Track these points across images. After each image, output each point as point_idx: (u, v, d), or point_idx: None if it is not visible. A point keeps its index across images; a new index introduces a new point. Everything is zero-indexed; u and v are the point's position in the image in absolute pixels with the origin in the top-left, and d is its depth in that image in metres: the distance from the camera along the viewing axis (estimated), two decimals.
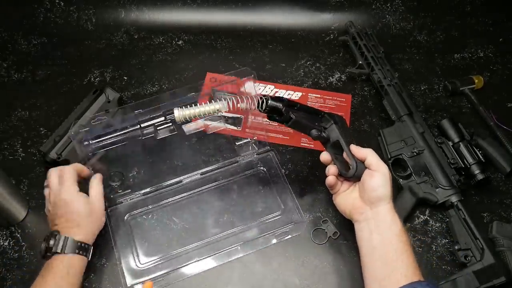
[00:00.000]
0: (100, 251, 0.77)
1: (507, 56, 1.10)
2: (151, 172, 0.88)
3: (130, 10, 1.13)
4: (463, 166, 0.85)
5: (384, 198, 0.69)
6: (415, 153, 0.87)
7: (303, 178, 0.89)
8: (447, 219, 0.83)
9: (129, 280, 0.74)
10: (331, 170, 0.75)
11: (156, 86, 1.02)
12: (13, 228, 0.82)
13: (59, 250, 0.67)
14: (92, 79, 1.03)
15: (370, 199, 0.70)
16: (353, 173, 0.71)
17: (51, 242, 0.67)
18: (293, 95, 1.02)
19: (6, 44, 1.09)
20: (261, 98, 0.69)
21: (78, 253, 0.68)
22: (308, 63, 1.08)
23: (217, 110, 0.70)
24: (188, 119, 0.70)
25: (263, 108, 0.69)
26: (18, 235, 0.81)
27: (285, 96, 1.01)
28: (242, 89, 0.75)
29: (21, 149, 0.91)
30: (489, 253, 0.75)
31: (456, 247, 0.78)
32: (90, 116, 0.92)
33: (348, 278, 0.78)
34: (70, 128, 0.91)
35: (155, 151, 0.89)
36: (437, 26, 1.13)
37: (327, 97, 1.02)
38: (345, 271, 0.78)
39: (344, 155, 0.73)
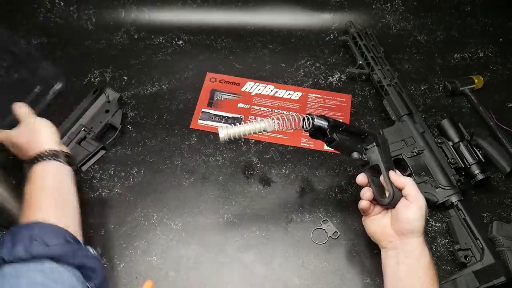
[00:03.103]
0: None
1: (507, 56, 1.10)
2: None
3: (130, 10, 1.13)
4: (463, 166, 0.85)
5: (417, 231, 0.66)
6: (415, 153, 0.87)
7: (303, 178, 0.89)
8: (447, 219, 0.83)
9: None
10: (366, 194, 0.70)
11: (156, 86, 1.02)
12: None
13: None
14: (92, 79, 1.03)
15: (402, 230, 0.67)
16: (389, 202, 0.68)
17: None
18: (293, 95, 1.02)
19: (6, 44, 1.09)
20: (306, 116, 0.67)
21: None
22: (308, 63, 1.08)
23: (263, 129, 0.67)
24: (232, 138, 0.67)
25: (308, 127, 0.67)
26: None
27: (291, 98, 1.01)
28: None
29: None
30: (489, 253, 0.75)
31: (456, 247, 0.78)
32: (90, 116, 0.93)
33: (348, 278, 0.78)
34: (70, 128, 0.91)
35: None
36: (437, 26, 1.13)
37: (327, 97, 1.02)
38: (345, 271, 0.78)
39: (381, 179, 0.71)
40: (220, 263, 0.79)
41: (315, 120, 0.66)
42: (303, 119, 0.67)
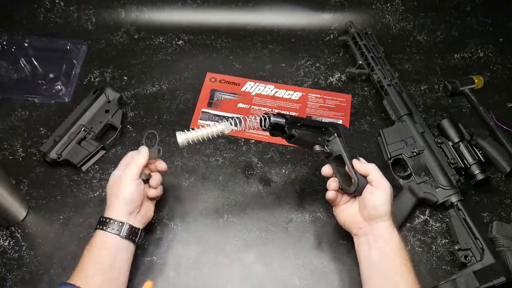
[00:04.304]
0: None
1: (507, 56, 1.10)
2: None
3: (130, 10, 1.13)
4: (463, 166, 0.85)
5: (384, 215, 0.68)
6: (415, 153, 0.87)
7: (303, 178, 0.89)
8: (447, 219, 0.83)
9: None
10: (332, 185, 0.73)
11: (156, 86, 1.02)
12: (13, 228, 0.82)
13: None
14: (92, 79, 1.03)
15: (369, 216, 0.69)
16: (354, 189, 0.69)
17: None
18: (293, 95, 1.02)
19: (6, 43, 1.09)
20: (263, 116, 0.68)
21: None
22: (308, 63, 1.08)
23: (220, 132, 0.69)
24: (191, 142, 0.69)
25: (266, 126, 0.68)
26: (18, 235, 0.81)
27: (292, 98, 1.01)
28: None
29: (21, 149, 0.91)
30: (489, 253, 0.75)
31: (456, 247, 0.78)
32: (90, 116, 0.93)
33: (347, 278, 0.78)
34: (70, 128, 0.91)
35: None
36: (437, 26, 1.13)
37: (327, 97, 1.02)
38: (345, 271, 0.78)
39: (347, 168, 0.72)
40: (220, 263, 0.79)
41: (272, 118, 0.67)
42: (260, 119, 0.68)
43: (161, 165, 0.78)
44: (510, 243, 0.78)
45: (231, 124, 0.70)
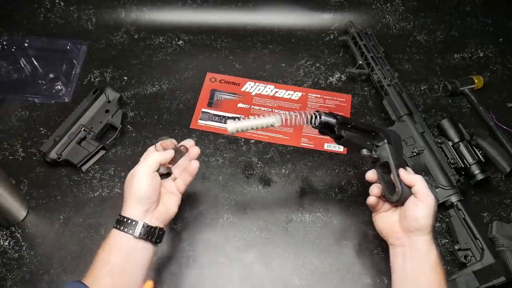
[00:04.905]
0: None
1: (507, 56, 1.10)
2: None
3: (130, 10, 1.13)
4: (463, 166, 0.85)
5: (424, 229, 0.66)
6: (415, 153, 0.87)
7: (303, 178, 0.89)
8: (447, 219, 0.83)
9: None
10: (374, 191, 0.71)
11: (156, 86, 1.02)
12: (13, 228, 0.82)
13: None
14: (92, 79, 1.03)
15: (409, 228, 0.66)
16: (397, 199, 0.67)
17: None
18: (293, 95, 1.02)
19: (6, 43, 1.09)
20: (314, 114, 0.67)
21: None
22: (308, 63, 1.08)
23: (271, 124, 0.68)
24: (240, 131, 0.68)
25: (316, 124, 0.67)
26: (18, 235, 0.81)
27: (292, 98, 1.01)
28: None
29: (21, 149, 0.92)
30: (489, 253, 0.75)
31: (456, 247, 0.78)
32: (90, 116, 0.93)
33: (348, 278, 0.78)
34: (70, 128, 0.91)
35: None
36: (437, 26, 1.13)
37: (327, 97, 1.02)
38: (345, 271, 0.78)
39: (392, 177, 0.70)
40: (220, 263, 0.79)
41: (323, 117, 0.66)
42: (311, 116, 0.67)
43: (194, 151, 0.73)
44: (510, 243, 0.78)
45: (282, 119, 0.67)
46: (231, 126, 0.67)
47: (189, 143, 0.74)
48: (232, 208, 0.85)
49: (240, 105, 1.00)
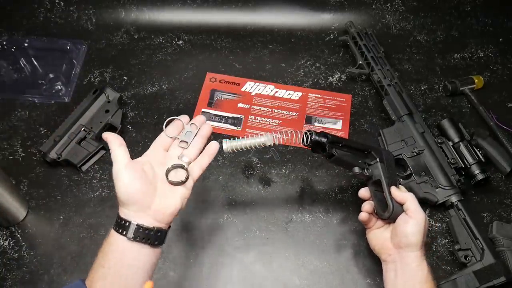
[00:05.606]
0: None
1: (507, 56, 1.10)
2: None
3: (130, 10, 1.13)
4: (463, 166, 0.85)
5: (414, 245, 0.66)
6: (415, 153, 0.87)
7: (303, 178, 0.89)
8: (447, 219, 0.83)
9: None
10: (366, 207, 0.73)
11: (156, 86, 1.02)
12: (13, 228, 0.82)
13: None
14: (92, 79, 1.03)
15: (399, 244, 0.67)
16: (388, 216, 0.69)
17: None
18: (293, 95, 1.02)
19: (6, 43, 1.09)
20: (305, 133, 0.70)
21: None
22: (308, 63, 1.08)
23: (263, 143, 0.73)
24: (235, 150, 0.72)
25: (307, 142, 0.70)
26: (18, 235, 0.81)
27: (292, 98, 1.01)
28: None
29: (21, 149, 0.91)
30: (489, 253, 0.75)
31: (456, 247, 0.78)
32: (90, 116, 0.93)
33: (348, 278, 0.78)
34: (70, 128, 0.91)
35: None
36: (437, 26, 1.13)
37: (327, 97, 1.02)
38: (345, 271, 0.78)
39: (384, 194, 0.71)
40: (220, 263, 0.79)
41: (313, 136, 0.70)
42: (303, 136, 0.70)
43: (205, 128, 0.70)
44: (510, 243, 0.78)
45: (274, 138, 0.73)
46: (226, 145, 0.72)
47: (200, 119, 0.70)
48: (232, 208, 0.85)
49: (240, 105, 1.00)
